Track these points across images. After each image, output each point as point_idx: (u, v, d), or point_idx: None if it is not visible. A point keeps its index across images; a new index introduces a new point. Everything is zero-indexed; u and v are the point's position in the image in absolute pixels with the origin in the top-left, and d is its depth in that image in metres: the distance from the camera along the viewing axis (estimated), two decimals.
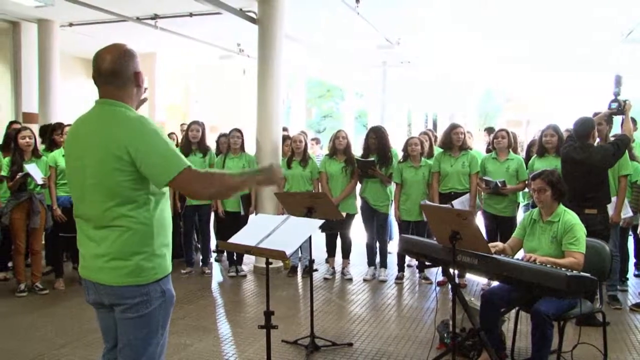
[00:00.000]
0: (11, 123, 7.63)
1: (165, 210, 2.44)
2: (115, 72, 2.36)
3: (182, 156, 2.31)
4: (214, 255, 7.91)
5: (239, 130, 7.10)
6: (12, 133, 6.82)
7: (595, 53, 11.85)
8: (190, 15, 8.56)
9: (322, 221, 3.63)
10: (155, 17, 8.74)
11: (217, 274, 7.32)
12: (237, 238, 3.46)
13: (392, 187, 6.86)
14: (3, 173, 6.01)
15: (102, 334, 2.60)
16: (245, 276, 7.11)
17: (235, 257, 7.22)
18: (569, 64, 13.43)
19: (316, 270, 7.02)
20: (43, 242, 6.58)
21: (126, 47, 2.42)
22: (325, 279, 6.96)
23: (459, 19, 9.15)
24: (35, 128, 7.44)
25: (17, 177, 5.91)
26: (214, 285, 6.83)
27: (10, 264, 6.71)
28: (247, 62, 12.17)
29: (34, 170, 5.94)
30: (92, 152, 2.30)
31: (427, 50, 11.92)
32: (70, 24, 9.33)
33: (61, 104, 9.29)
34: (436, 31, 10.13)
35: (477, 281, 6.72)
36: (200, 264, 7.35)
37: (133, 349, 2.37)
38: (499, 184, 6.13)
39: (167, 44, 10.71)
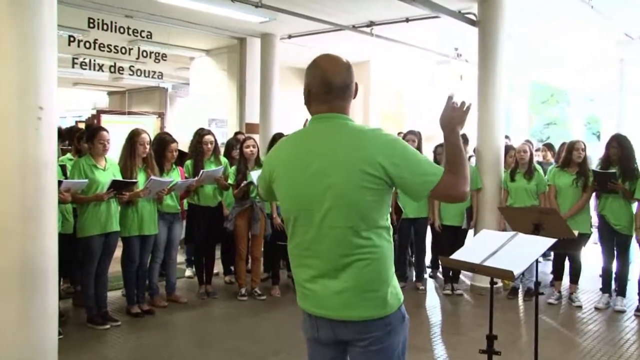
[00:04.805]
0: (236, 133, 8.46)
1: None
2: (347, 85, 2.33)
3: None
4: (428, 270, 7.94)
5: None
6: (233, 142, 7.53)
7: None
8: (407, 20, 8.69)
9: (555, 240, 3.46)
10: (370, 24, 9.02)
11: (431, 290, 7.34)
12: (461, 254, 3.43)
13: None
14: (230, 181, 6.65)
15: None
16: (461, 295, 7.03)
17: (451, 274, 7.16)
18: None
19: (542, 293, 6.70)
20: (262, 249, 7.17)
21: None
22: (550, 303, 6.60)
23: None
24: (256, 138, 8.11)
25: (242, 185, 6.50)
26: (428, 302, 6.86)
27: (232, 268, 7.38)
28: (465, 67, 12.04)
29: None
30: (336, 171, 2.21)
31: None
32: (289, 36, 10.05)
33: (279, 114, 10.04)
34: None
35: None
36: (414, 279, 7.42)
37: None
38: None
39: (382, 50, 11.00)
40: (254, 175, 6.35)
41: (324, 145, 2.28)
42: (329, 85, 2.30)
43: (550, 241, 3.47)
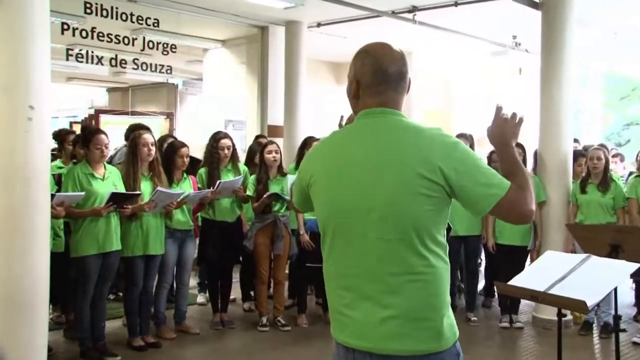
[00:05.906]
0: (257, 137, 8.47)
1: None
2: (402, 75, 2.33)
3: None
4: (481, 298, 7.87)
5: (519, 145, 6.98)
6: (256, 147, 7.54)
7: None
8: (455, 4, 8.65)
9: (639, 265, 3.38)
10: (413, 9, 9.00)
11: (485, 322, 7.28)
12: (521, 280, 3.38)
13: None
14: (249, 192, 6.64)
15: None
16: (521, 328, 6.94)
17: (509, 304, 7.07)
18: None
19: (624, 330, 6.55)
20: (287, 271, 7.16)
21: None
22: (635, 343, 6.45)
23: None
24: (280, 142, 8.12)
25: (263, 197, 6.47)
26: (481, 336, 6.81)
27: (252, 293, 7.37)
28: (525, 59, 11.94)
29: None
30: (386, 174, 2.19)
31: None
32: (318, 24, 10.07)
33: (307, 115, 10.02)
34: None
35: None
36: (464, 308, 7.36)
37: None
38: None
39: (426, 40, 10.96)
40: (290, 179, 6.29)
41: (373, 144, 2.26)
42: (383, 73, 2.29)
43: (633, 266, 3.40)
